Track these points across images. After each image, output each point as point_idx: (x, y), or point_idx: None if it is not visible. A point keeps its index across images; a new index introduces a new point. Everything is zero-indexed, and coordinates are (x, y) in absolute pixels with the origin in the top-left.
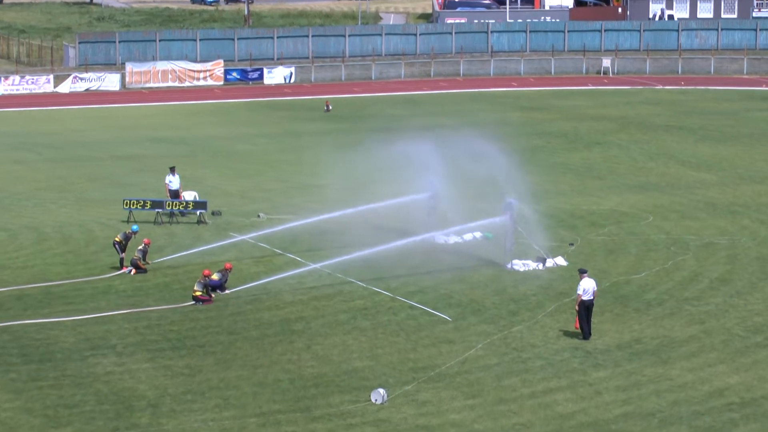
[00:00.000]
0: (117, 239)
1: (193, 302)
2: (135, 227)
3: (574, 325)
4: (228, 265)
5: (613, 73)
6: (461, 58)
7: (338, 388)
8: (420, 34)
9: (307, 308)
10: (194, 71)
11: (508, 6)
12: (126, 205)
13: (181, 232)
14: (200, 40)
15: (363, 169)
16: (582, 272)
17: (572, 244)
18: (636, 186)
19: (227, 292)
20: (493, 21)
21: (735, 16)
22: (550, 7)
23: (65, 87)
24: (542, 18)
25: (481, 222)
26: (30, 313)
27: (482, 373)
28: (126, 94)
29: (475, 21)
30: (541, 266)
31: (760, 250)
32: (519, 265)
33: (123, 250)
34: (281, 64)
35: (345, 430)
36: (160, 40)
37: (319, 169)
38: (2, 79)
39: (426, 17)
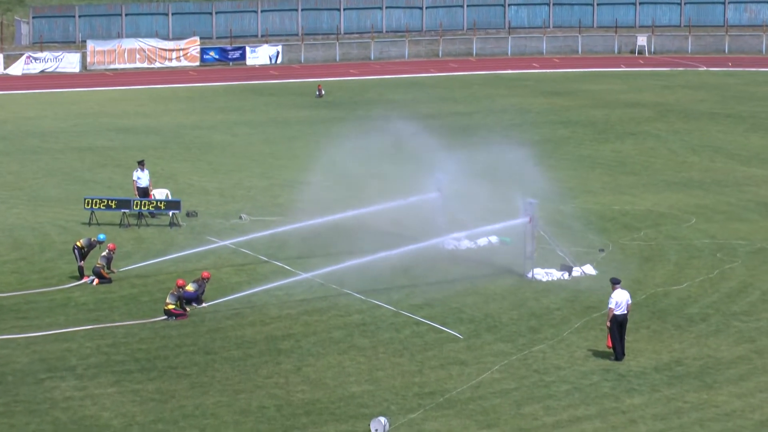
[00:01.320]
0: (78, 244)
1: (165, 317)
2: (102, 236)
3: (605, 343)
4: (205, 274)
5: (649, 52)
6: (474, 35)
7: (333, 417)
8: (426, 8)
9: (296, 324)
10: (166, 50)
11: None
12: (87, 205)
13: (150, 236)
14: (173, 14)
15: (361, 164)
16: (614, 283)
17: (602, 250)
18: (676, 183)
19: (204, 305)
20: None
21: None
22: None
23: (17, 68)
24: None
25: (497, 225)
26: None
27: (499, 399)
28: (87, 76)
29: None
30: (566, 276)
31: None
32: (541, 274)
33: (83, 258)
34: (266, 42)
35: None
36: (126, 15)
37: (310, 164)
38: None
39: None
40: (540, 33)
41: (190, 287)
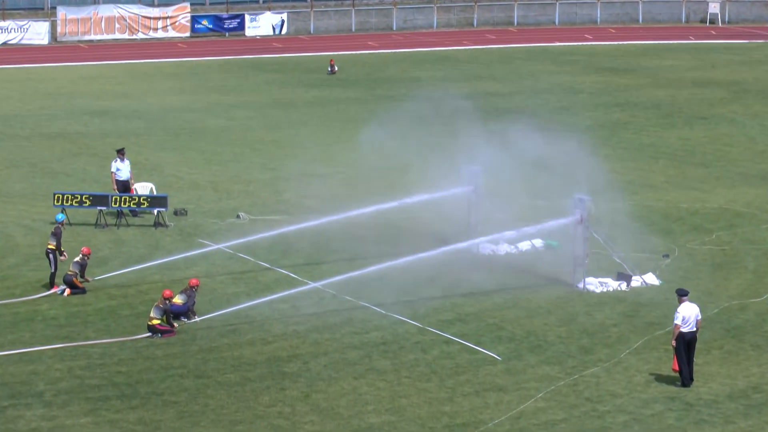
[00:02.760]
0: (51, 247)
1: (149, 334)
2: (59, 216)
3: (670, 366)
4: (193, 282)
5: (723, 21)
6: (515, 1)
7: None
8: None
9: (304, 343)
10: (150, 19)
11: None
12: (57, 202)
13: (132, 238)
14: None
15: (380, 152)
16: (681, 295)
17: (667, 256)
18: (755, 176)
19: (195, 320)
20: None
21: None
22: None
23: None
24: None
25: (542, 225)
26: None
27: None
28: (57, 49)
29: None
30: (624, 286)
31: None
32: (594, 284)
33: (62, 254)
34: (269, 9)
35: None
36: None
37: (320, 154)
38: None
39: None
40: None
41: (179, 299)
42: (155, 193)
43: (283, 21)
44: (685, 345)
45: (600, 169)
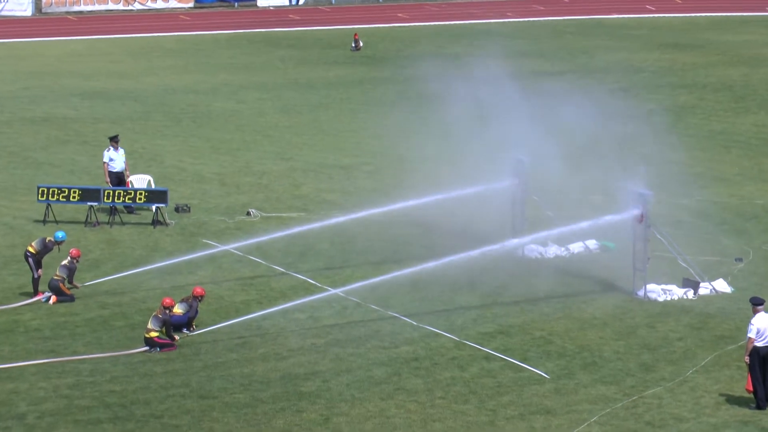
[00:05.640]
0: (31, 249)
1: (147, 348)
2: (60, 234)
3: (743, 386)
4: (198, 291)
5: None
6: None
7: None
8: None
9: (323, 359)
10: None
11: None
12: (42, 196)
13: (127, 238)
14: None
15: (411, 140)
16: (756, 304)
17: (740, 260)
18: None
19: (198, 332)
20: None
21: None
22: None
23: None
24: None
25: (596, 223)
26: None
27: None
28: (42, 21)
29: None
30: (690, 294)
31: None
32: (656, 291)
33: (39, 266)
34: None
35: None
36: None
37: (342, 142)
38: None
39: None
40: None
41: (179, 309)
42: (154, 186)
43: None
44: (761, 361)
45: (663, 159)
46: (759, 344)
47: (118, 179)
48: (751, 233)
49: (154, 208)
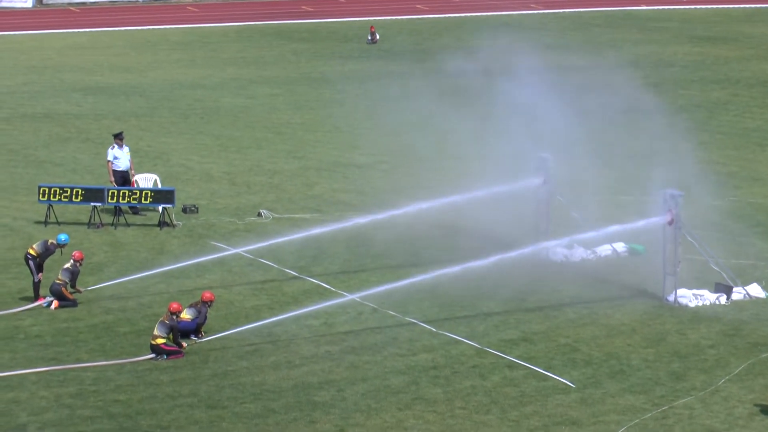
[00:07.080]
0: (31, 252)
1: (153, 355)
2: (63, 237)
3: None
4: (207, 296)
5: None
6: None
7: None
8: None
9: (338, 367)
10: None
11: None
12: (43, 196)
13: (133, 240)
14: None
15: (429, 138)
16: None
17: None
18: None
19: (207, 339)
20: None
21: None
22: None
23: None
24: None
25: (625, 225)
26: None
27: None
28: (43, 13)
29: None
30: (723, 299)
31: None
32: (688, 297)
33: (40, 270)
34: None
35: None
36: None
37: (358, 139)
38: None
39: None
40: None
41: (187, 315)
42: (160, 186)
43: None
44: None
45: (695, 158)
46: None
47: (123, 178)
48: None
49: (160, 208)
